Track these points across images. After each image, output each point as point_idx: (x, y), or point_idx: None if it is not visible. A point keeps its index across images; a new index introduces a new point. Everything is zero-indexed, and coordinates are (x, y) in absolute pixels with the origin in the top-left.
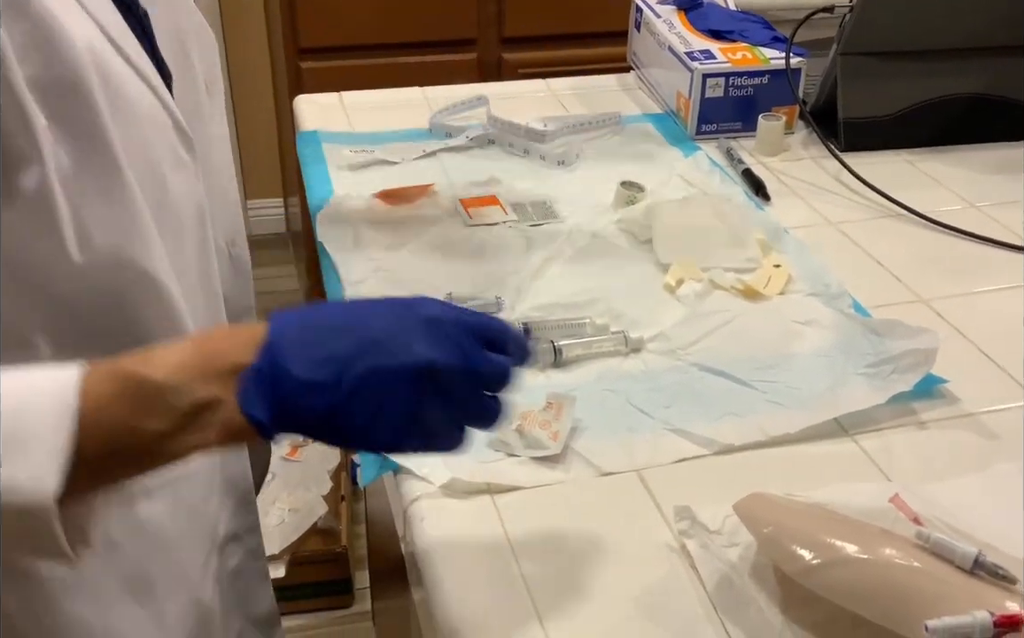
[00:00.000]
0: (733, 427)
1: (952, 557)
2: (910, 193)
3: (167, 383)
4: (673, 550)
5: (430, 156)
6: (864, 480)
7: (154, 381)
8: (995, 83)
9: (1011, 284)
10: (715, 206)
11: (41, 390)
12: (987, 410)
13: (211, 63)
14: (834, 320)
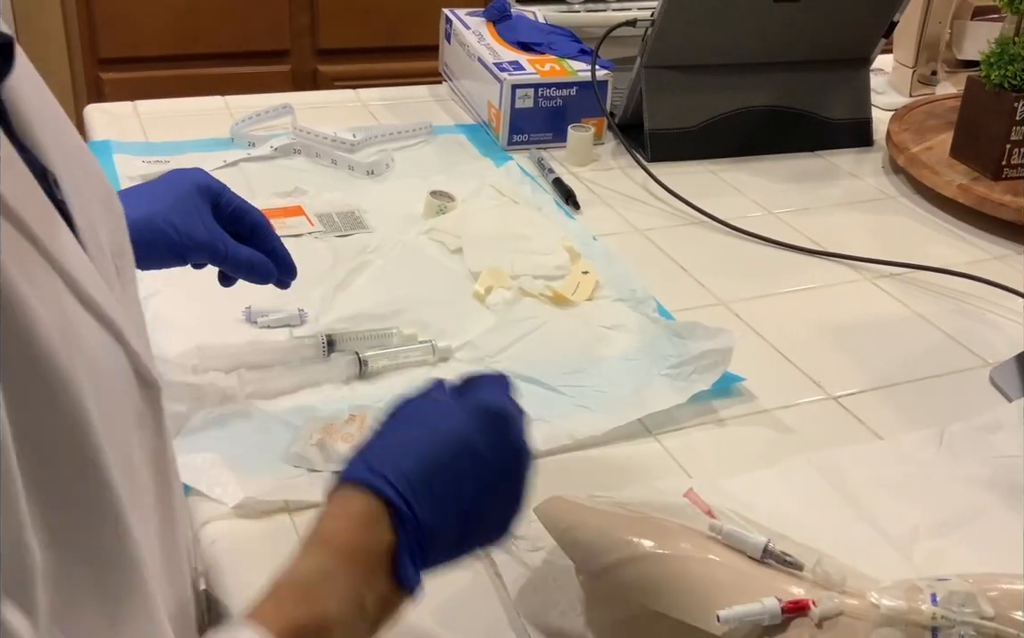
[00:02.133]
0: (541, 432)
1: (743, 547)
2: (713, 201)
3: (349, 614)
4: (477, 557)
5: (231, 166)
6: (667, 478)
7: (330, 619)
8: (789, 96)
9: (805, 286)
10: (525, 215)
11: None
12: (782, 406)
13: (121, 240)
14: (639, 324)
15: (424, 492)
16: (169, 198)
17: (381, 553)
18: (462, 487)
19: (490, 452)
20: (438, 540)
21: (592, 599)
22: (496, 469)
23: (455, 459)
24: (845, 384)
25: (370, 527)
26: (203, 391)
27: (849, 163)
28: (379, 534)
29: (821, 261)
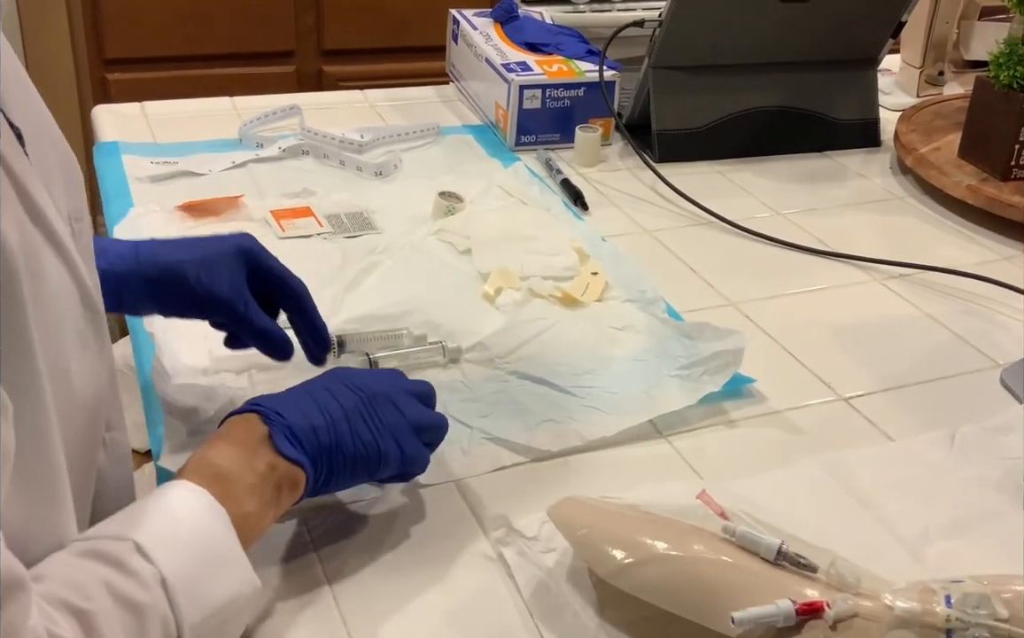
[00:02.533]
0: (551, 433)
1: (757, 549)
2: (721, 202)
3: (239, 468)
4: (490, 559)
5: (240, 167)
6: (678, 479)
7: (230, 471)
8: (796, 97)
9: (814, 287)
10: (534, 216)
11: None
12: (793, 407)
13: (77, 200)
14: (649, 325)
15: (288, 405)
16: (204, 252)
17: (257, 438)
18: (323, 406)
19: (341, 387)
20: (308, 434)
21: (605, 601)
22: (350, 398)
23: (316, 391)
24: (855, 385)
25: (246, 425)
26: (215, 393)
27: (857, 163)
28: (254, 427)
29: (830, 262)
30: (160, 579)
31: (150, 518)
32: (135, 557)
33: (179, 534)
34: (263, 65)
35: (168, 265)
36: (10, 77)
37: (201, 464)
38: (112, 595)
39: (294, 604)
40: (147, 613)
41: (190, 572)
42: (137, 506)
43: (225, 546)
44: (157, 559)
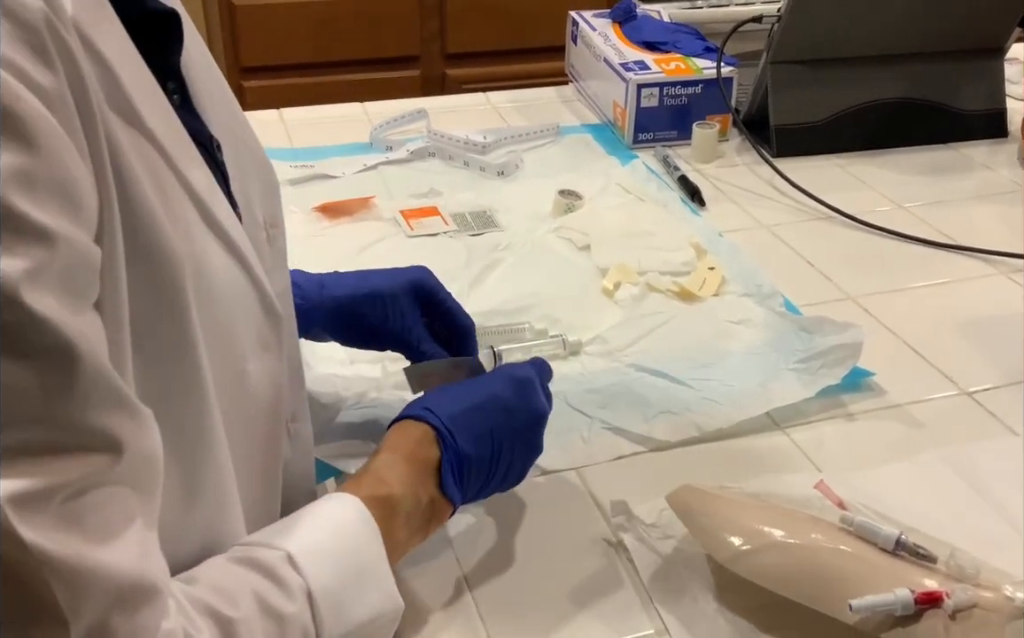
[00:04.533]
0: (669, 424)
1: (875, 539)
2: (840, 195)
3: (405, 495)
4: (610, 544)
5: (371, 170)
6: (795, 471)
7: (397, 498)
8: (919, 88)
9: (936, 281)
10: (651, 212)
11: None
12: (913, 401)
13: (273, 207)
14: (766, 319)
15: (463, 427)
16: (383, 287)
17: (430, 464)
18: (493, 430)
19: (516, 407)
20: (472, 467)
21: (723, 586)
22: (520, 421)
23: (489, 409)
24: (979, 379)
25: (423, 443)
26: (352, 382)
27: (982, 155)
28: (429, 450)
29: (953, 255)
30: (307, 591)
31: (307, 529)
32: (286, 567)
33: (331, 548)
34: (389, 70)
35: (349, 302)
36: (213, 90)
37: (373, 478)
38: (259, 604)
39: (425, 586)
40: (290, 623)
41: (337, 587)
42: (299, 514)
43: (374, 565)
44: (307, 571)
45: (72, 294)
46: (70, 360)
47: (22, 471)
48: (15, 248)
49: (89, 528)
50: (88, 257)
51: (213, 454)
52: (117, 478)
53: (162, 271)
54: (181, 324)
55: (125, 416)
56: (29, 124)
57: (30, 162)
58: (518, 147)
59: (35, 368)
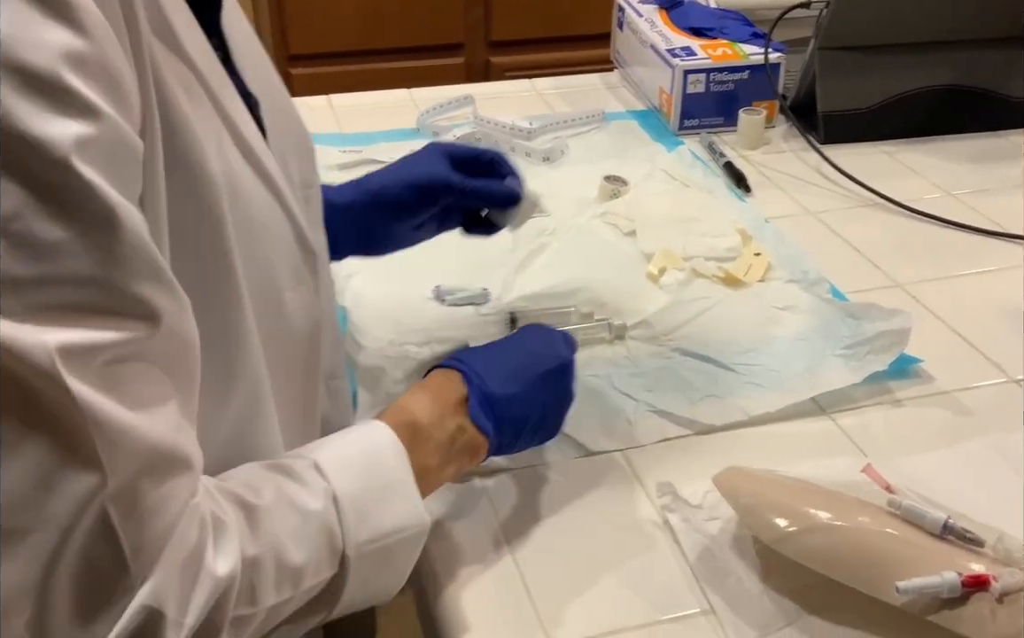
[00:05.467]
0: (714, 408)
1: (922, 523)
2: (888, 182)
3: (431, 423)
4: (656, 525)
5: None
6: (840, 456)
7: (423, 424)
8: (969, 75)
9: (986, 269)
10: (697, 198)
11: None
12: (961, 388)
13: (308, 169)
14: (812, 305)
15: (489, 369)
16: (407, 159)
17: (456, 397)
18: (520, 370)
19: (541, 351)
20: (503, 405)
21: (769, 567)
22: (546, 364)
23: (514, 351)
24: None
25: (448, 381)
26: (399, 363)
27: None
28: (454, 386)
29: (1002, 243)
30: (331, 494)
31: (334, 444)
32: (311, 472)
33: (356, 460)
34: (433, 57)
35: (385, 180)
36: (251, 52)
37: (397, 408)
38: (282, 497)
39: (477, 565)
40: (313, 520)
41: (361, 494)
42: (328, 437)
43: (399, 480)
44: (332, 477)
45: (116, 171)
46: (112, 226)
47: (70, 324)
48: (67, 117)
49: (127, 394)
50: (132, 144)
51: (249, 366)
52: (154, 353)
53: (198, 182)
54: (217, 234)
55: (164, 291)
56: (81, 12)
57: (80, 43)
58: (563, 133)
59: (82, 229)
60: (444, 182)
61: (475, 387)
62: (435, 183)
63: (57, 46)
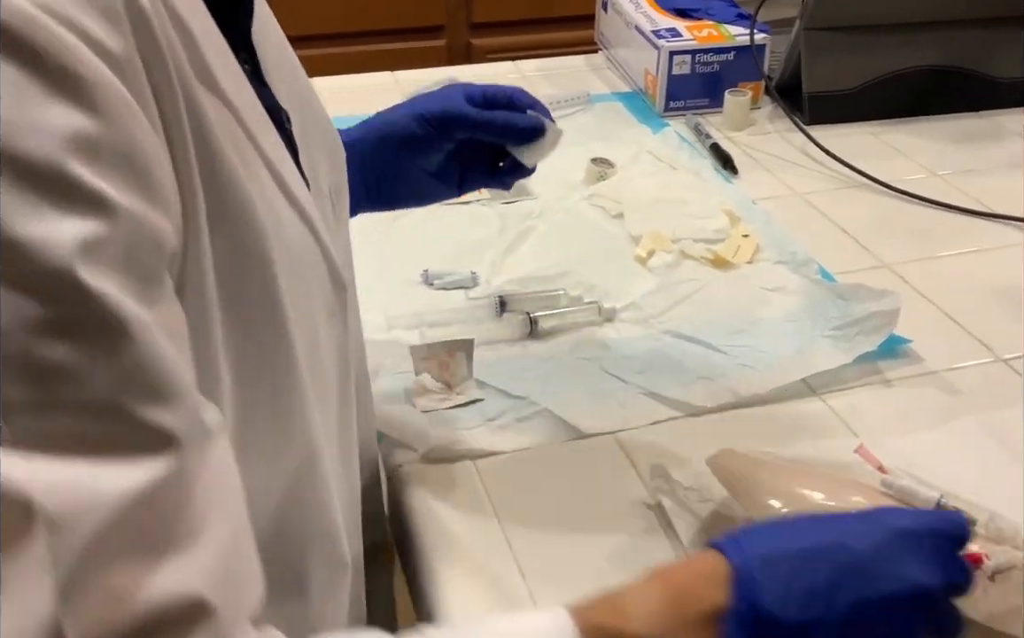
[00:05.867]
0: (705, 390)
1: (915, 502)
2: (874, 163)
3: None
4: (649, 507)
5: None
6: (832, 437)
7: (633, 634)
8: (955, 55)
9: (971, 248)
10: (684, 180)
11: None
12: (950, 367)
13: (339, 179)
14: (801, 286)
15: (777, 575)
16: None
17: (710, 611)
18: (831, 600)
19: (872, 568)
20: (795, 634)
21: None
22: (877, 589)
23: (827, 560)
24: (1014, 346)
25: (708, 581)
26: (389, 348)
27: (1017, 123)
28: (714, 592)
29: (988, 223)
30: None
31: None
32: None
33: None
34: (414, 40)
35: (393, 115)
36: (281, 59)
37: (613, 607)
38: None
39: (469, 547)
40: None
41: None
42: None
43: None
44: None
45: (133, 273)
46: (123, 341)
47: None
48: (71, 215)
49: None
50: (157, 235)
51: (304, 417)
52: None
53: (248, 235)
54: (268, 287)
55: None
56: (94, 89)
57: (92, 126)
58: None
59: (87, 348)
60: (458, 113)
61: (743, 601)
62: (448, 114)
63: (62, 130)
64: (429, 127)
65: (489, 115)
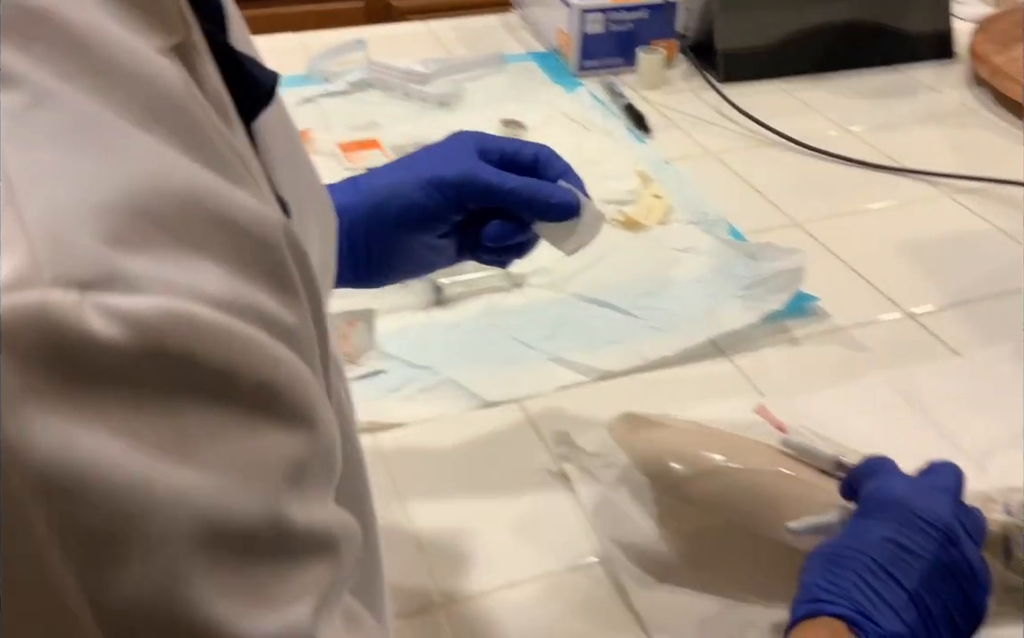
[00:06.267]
0: (613, 354)
1: (815, 461)
2: (787, 120)
3: None
4: (553, 475)
5: (308, 102)
6: (740, 397)
7: None
8: (868, 9)
9: (882, 204)
10: (596, 141)
11: None
12: (857, 324)
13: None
14: (711, 246)
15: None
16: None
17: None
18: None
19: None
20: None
21: (666, 514)
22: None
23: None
24: (922, 301)
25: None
26: None
27: (929, 77)
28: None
29: (899, 178)
30: None
31: None
32: None
33: None
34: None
35: (395, 177)
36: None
37: None
38: None
39: None
40: None
41: None
42: None
43: None
44: None
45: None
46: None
47: None
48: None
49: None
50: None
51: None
52: None
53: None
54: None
55: None
56: (292, 396)
57: (301, 448)
58: (460, 77)
59: None
60: (478, 182)
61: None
62: (466, 183)
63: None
64: (441, 197)
65: (515, 185)
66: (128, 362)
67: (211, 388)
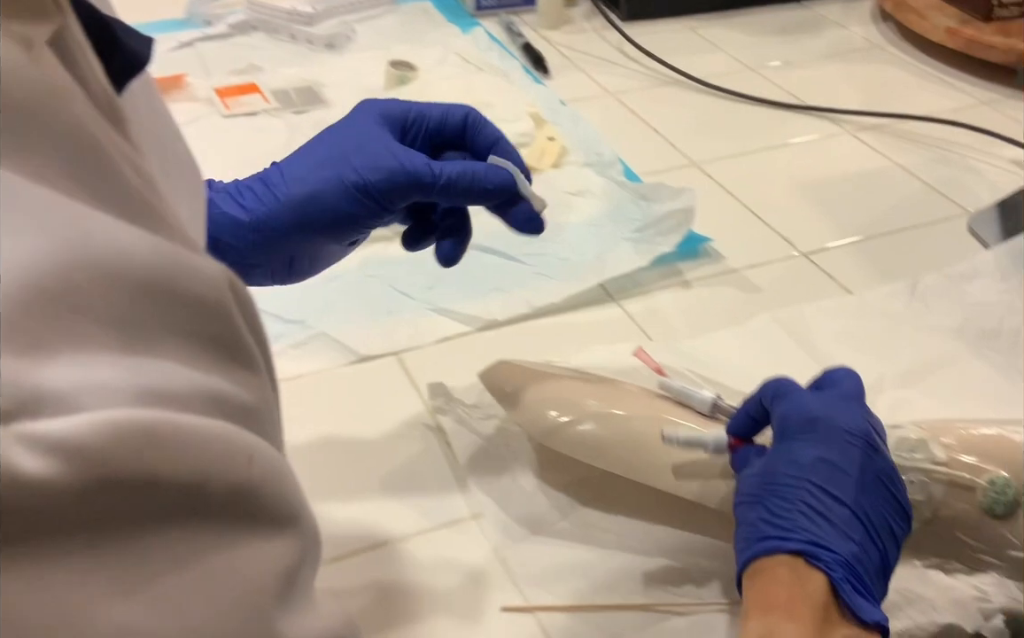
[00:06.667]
0: (498, 302)
1: (692, 403)
2: (691, 59)
3: None
4: (429, 428)
5: (186, 47)
6: (629, 342)
7: None
8: None
9: (785, 142)
10: (490, 82)
11: None
12: (750, 265)
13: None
14: (605, 189)
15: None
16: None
17: (823, 599)
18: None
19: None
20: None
21: (543, 463)
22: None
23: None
24: (817, 240)
25: (801, 578)
26: None
27: (835, 13)
28: (813, 582)
29: (802, 116)
30: None
31: None
32: None
33: None
34: None
35: (311, 179)
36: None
37: None
38: None
39: None
40: None
41: None
42: None
43: None
44: None
45: None
46: None
47: None
48: None
49: None
50: None
51: None
52: None
53: None
54: None
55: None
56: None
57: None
58: (349, 17)
59: None
60: (409, 182)
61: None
62: (397, 185)
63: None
64: (371, 203)
65: (449, 178)
66: (68, 500)
67: (176, 507)
